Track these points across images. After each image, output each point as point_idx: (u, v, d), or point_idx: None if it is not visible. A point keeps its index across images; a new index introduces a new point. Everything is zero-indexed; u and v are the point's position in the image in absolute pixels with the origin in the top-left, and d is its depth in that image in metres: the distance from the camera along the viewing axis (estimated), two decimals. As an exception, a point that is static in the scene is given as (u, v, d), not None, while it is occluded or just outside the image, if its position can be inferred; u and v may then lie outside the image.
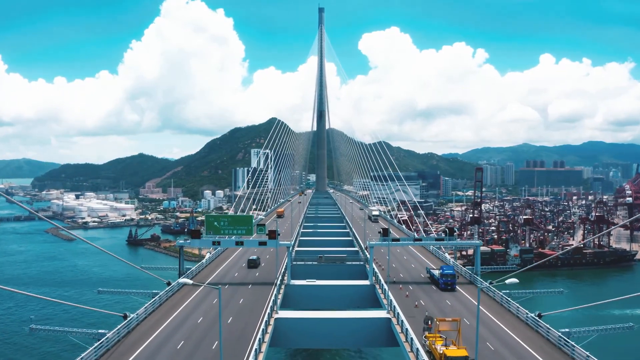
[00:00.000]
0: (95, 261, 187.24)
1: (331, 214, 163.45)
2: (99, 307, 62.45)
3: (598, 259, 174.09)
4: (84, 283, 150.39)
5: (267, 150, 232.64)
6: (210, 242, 71.91)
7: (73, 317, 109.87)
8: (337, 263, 77.34)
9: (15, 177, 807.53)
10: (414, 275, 74.12)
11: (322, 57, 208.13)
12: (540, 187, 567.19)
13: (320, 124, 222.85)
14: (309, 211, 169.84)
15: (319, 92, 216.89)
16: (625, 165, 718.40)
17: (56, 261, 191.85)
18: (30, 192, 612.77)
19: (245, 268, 76.89)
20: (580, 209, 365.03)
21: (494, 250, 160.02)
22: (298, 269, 74.30)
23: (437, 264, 77.70)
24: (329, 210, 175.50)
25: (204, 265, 77.54)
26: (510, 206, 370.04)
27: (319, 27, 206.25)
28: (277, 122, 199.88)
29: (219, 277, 71.67)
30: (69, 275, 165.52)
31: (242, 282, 68.07)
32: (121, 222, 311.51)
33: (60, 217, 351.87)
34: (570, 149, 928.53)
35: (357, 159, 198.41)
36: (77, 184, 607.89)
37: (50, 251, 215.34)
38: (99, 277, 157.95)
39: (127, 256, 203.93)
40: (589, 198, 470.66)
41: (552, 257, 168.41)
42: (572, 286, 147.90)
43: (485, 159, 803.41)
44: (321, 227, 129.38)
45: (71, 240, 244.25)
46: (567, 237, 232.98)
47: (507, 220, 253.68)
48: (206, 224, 71.64)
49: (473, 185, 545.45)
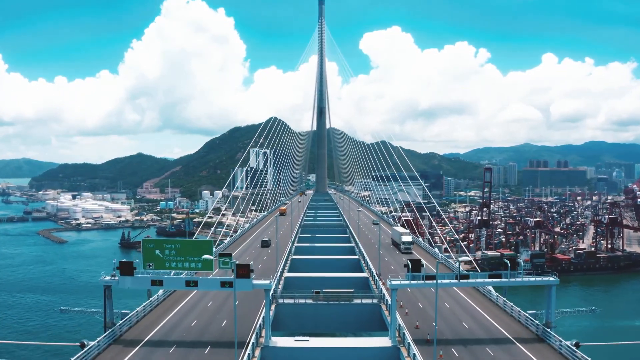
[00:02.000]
0: (85, 265, 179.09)
1: (332, 220, 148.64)
2: (62, 326, 54.29)
3: (612, 263, 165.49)
4: (68, 290, 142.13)
5: (265, 150, 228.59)
6: (149, 281, 48.73)
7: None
8: (340, 302, 56.41)
9: (15, 177, 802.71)
10: (452, 323, 52.82)
11: (322, 51, 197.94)
12: (544, 187, 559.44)
13: (320, 122, 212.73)
14: (306, 217, 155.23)
15: (319, 88, 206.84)
16: (628, 165, 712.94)
17: (43, 265, 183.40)
18: (27, 192, 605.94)
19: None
20: (587, 209, 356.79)
21: (504, 255, 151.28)
22: (284, 313, 55.90)
23: (480, 301, 60.37)
24: (329, 215, 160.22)
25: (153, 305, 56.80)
26: (515, 207, 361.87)
27: (319, 19, 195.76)
28: (276, 121, 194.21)
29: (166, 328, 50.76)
30: (54, 281, 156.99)
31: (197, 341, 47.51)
32: (115, 223, 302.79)
33: (54, 218, 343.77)
34: (571, 148, 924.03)
35: (359, 159, 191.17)
36: (75, 184, 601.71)
37: (39, 254, 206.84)
38: (85, 283, 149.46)
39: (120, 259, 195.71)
40: (594, 198, 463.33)
41: (565, 261, 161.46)
42: (592, 296, 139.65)
43: (487, 159, 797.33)
44: (320, 239, 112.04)
45: (62, 242, 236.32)
46: (576, 239, 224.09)
47: (515, 222, 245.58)
48: (143, 253, 49.18)
49: (475, 186, 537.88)
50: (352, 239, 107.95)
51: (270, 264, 78.86)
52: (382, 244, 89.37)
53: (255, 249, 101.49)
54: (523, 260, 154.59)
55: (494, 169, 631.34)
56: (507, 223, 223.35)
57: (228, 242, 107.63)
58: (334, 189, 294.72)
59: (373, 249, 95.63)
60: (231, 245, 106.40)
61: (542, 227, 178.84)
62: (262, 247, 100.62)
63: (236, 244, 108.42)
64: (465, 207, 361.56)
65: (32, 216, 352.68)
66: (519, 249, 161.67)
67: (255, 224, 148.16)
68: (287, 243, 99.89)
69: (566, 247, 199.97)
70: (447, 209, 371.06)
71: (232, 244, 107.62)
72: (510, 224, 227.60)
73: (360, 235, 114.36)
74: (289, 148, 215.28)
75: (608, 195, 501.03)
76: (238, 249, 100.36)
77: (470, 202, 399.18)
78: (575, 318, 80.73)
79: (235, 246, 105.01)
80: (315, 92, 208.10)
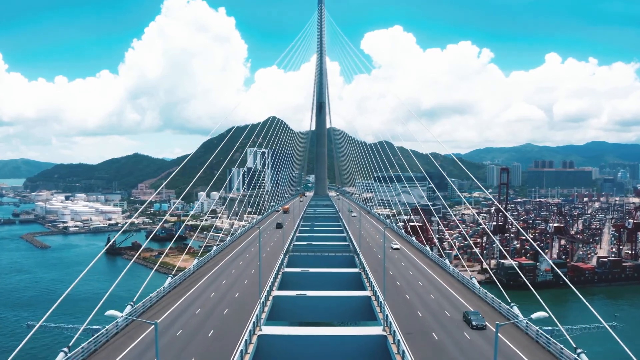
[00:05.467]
0: (64, 274, 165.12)
1: (332, 230, 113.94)
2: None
3: (639, 273, 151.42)
4: (40, 303, 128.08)
5: (263, 150, 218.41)
6: None
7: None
8: None
9: (14, 177, 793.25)
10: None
11: (321, 41, 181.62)
12: (550, 188, 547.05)
13: (319, 118, 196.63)
14: (302, 226, 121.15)
15: (319, 81, 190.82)
16: (633, 166, 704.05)
17: (20, 274, 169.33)
18: (21, 193, 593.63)
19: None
20: (598, 212, 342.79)
21: (522, 265, 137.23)
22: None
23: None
24: (329, 226, 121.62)
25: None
26: (523, 209, 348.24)
27: (319, 5, 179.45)
28: (275, 120, 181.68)
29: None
30: (28, 293, 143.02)
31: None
32: (104, 226, 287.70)
33: (42, 220, 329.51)
34: (573, 149, 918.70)
35: (360, 159, 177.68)
36: (70, 185, 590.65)
37: (17, 261, 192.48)
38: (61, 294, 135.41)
39: (103, 268, 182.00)
40: (601, 199, 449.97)
41: (589, 270, 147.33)
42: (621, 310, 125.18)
43: (489, 159, 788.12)
44: (315, 277, 68.39)
45: (45, 248, 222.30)
46: (592, 244, 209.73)
47: (526, 225, 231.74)
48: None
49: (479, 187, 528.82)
50: (366, 281, 63.57)
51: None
52: (444, 318, 50.16)
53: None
54: (544, 270, 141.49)
55: (494, 170, 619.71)
56: (519, 227, 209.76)
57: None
58: (336, 191, 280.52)
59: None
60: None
61: (563, 233, 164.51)
62: (277, 228, 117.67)
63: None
64: (472, 209, 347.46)
65: (19, 218, 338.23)
66: (539, 257, 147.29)
67: (238, 236, 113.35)
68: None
69: (584, 254, 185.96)
70: (453, 211, 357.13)
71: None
72: (522, 227, 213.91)
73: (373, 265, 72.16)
74: (288, 148, 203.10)
75: (615, 196, 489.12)
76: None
77: (475, 204, 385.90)
78: (597, 338, 63.08)
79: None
80: (315, 85, 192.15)
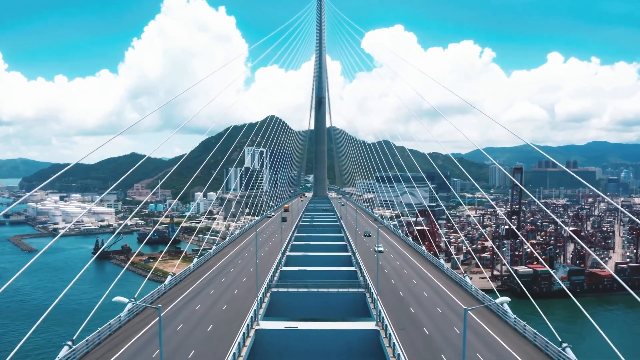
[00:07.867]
0: (47, 281, 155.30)
1: (334, 250, 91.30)
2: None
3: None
4: (16, 314, 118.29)
5: (261, 149, 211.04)
6: None
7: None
8: None
9: (12, 177, 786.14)
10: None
11: (321, 31, 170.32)
12: (554, 188, 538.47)
13: (319, 114, 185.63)
14: (298, 233, 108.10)
15: (318, 76, 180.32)
16: (635, 166, 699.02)
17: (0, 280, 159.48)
18: (16, 193, 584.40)
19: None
20: (605, 213, 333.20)
21: (537, 272, 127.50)
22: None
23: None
24: (329, 240, 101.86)
25: None
26: (529, 210, 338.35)
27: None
28: (274, 119, 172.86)
29: None
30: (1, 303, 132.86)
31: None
32: (96, 228, 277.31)
33: (32, 222, 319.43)
34: (574, 149, 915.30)
35: (361, 159, 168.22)
36: (66, 185, 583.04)
37: (0, 266, 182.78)
38: (38, 305, 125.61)
39: (89, 274, 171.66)
40: (607, 200, 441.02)
41: (607, 277, 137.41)
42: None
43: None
44: (313, 299, 58.82)
45: (31, 251, 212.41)
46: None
47: (535, 228, 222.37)
48: None
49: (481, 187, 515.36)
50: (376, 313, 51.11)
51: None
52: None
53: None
54: (560, 278, 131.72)
55: (497, 170, 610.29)
56: (528, 230, 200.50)
57: None
58: (336, 192, 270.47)
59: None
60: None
61: (581, 238, 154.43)
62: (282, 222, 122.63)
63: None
64: (475, 210, 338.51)
65: (10, 220, 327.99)
66: (554, 263, 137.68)
67: (227, 243, 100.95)
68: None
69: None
70: (456, 211, 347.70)
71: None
72: (530, 230, 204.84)
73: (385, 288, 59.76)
74: (287, 147, 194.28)
75: (620, 196, 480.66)
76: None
77: (478, 205, 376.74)
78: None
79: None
80: (314, 80, 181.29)
